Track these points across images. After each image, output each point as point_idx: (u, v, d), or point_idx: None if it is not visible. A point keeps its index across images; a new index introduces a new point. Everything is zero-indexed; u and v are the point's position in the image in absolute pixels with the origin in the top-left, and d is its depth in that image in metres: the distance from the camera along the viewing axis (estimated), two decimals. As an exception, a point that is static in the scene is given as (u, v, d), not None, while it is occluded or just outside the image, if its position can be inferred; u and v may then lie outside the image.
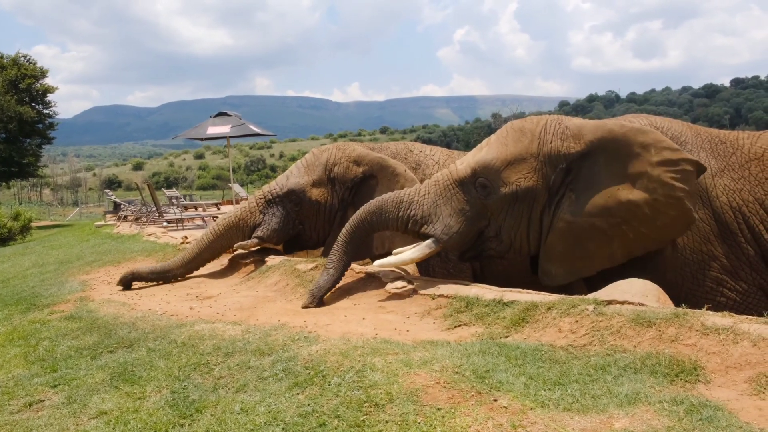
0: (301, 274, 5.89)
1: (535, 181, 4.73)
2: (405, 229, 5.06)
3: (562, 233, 4.69)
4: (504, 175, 4.75)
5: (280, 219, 6.67)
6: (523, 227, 4.82)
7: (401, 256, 5.03)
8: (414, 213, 4.98)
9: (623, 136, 4.64)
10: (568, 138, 4.73)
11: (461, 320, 4.21)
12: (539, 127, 4.84)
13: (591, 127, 4.76)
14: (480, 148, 5.08)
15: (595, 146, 4.66)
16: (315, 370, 3.32)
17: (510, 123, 5.11)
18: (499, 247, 4.92)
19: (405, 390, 2.88)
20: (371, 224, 5.14)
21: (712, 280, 4.63)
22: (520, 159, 4.75)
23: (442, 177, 5.04)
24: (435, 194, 4.99)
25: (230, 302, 5.42)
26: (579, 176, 4.69)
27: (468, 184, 4.88)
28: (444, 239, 4.87)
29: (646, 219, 4.51)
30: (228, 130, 13.22)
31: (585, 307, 3.79)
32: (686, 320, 3.36)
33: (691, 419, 2.44)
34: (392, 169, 6.49)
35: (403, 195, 5.09)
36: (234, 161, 73.74)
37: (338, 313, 4.67)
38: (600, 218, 4.59)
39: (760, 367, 2.90)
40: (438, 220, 4.91)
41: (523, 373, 3.04)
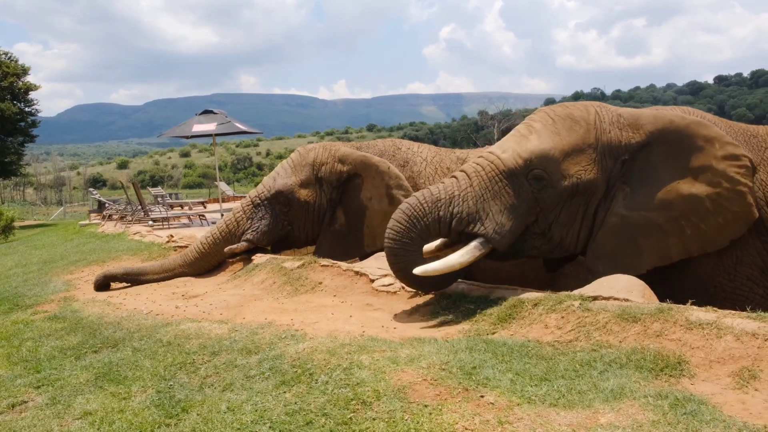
0: (288, 272, 5.87)
1: (595, 173, 4.40)
2: (448, 231, 4.42)
3: (615, 229, 4.42)
4: (563, 167, 4.37)
5: (269, 221, 6.66)
6: (577, 223, 4.51)
7: (448, 261, 4.32)
8: (458, 210, 4.36)
9: (686, 128, 4.42)
10: (625, 128, 4.47)
11: (448, 317, 4.22)
12: (592, 115, 4.52)
13: (649, 116, 4.52)
14: (522, 136, 4.57)
15: (655, 137, 4.42)
16: (302, 368, 3.31)
17: (550, 109, 4.70)
18: (545, 245, 4.55)
19: (392, 387, 2.88)
20: (414, 240, 4.36)
21: (745, 276, 4.46)
22: (578, 150, 4.41)
23: (485, 168, 4.46)
24: (480, 188, 4.41)
25: (217, 301, 5.38)
26: (633, 169, 4.45)
27: (519, 176, 4.40)
28: (496, 239, 4.33)
29: (707, 214, 4.28)
30: (214, 128, 13.13)
31: (571, 303, 3.81)
32: (671, 315, 3.39)
33: (676, 413, 2.46)
34: (376, 167, 6.49)
35: (438, 192, 4.44)
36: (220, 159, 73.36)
37: (325, 311, 4.66)
38: (657, 212, 4.35)
39: (743, 362, 2.94)
40: (487, 218, 4.35)
41: (510, 369, 3.05)
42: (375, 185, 6.49)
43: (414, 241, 4.36)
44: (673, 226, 4.34)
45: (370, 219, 6.50)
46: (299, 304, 4.99)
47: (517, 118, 64.68)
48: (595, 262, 4.51)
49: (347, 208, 6.67)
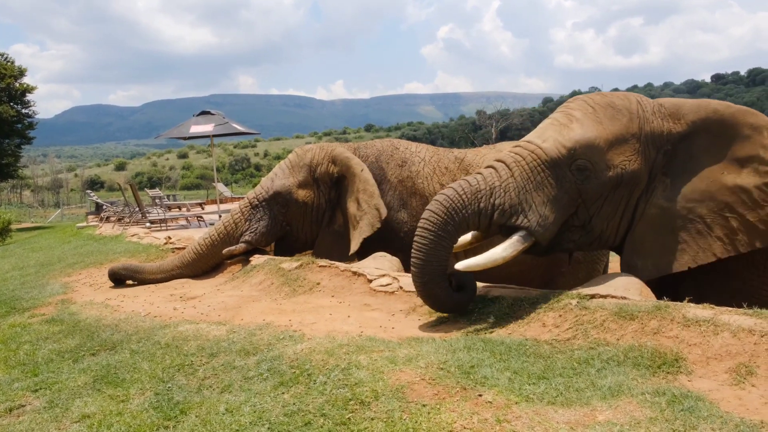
0: (285, 273, 5.87)
1: (639, 164, 4.23)
2: (489, 224, 4.20)
3: (654, 221, 4.27)
4: (608, 157, 4.19)
5: (267, 222, 6.67)
6: (618, 216, 4.34)
7: (491, 255, 4.12)
8: (500, 202, 4.15)
9: (731, 116, 4.26)
10: (667, 117, 4.34)
11: (446, 316, 4.22)
12: (634, 104, 4.36)
13: (692, 106, 4.38)
14: (562, 125, 4.36)
15: (698, 127, 4.29)
16: (300, 368, 3.31)
17: (588, 97, 4.53)
18: (584, 238, 4.36)
19: (390, 387, 2.88)
20: (450, 234, 4.12)
21: None
22: (622, 139, 4.23)
23: (526, 158, 4.26)
24: (521, 178, 4.20)
25: (215, 302, 5.38)
26: (675, 159, 4.31)
27: (562, 166, 4.19)
28: (540, 232, 4.13)
29: (755, 205, 4.08)
30: (211, 129, 13.12)
31: (569, 301, 3.82)
32: (668, 313, 3.39)
33: (673, 410, 2.46)
34: (352, 170, 6.53)
35: (478, 183, 4.21)
36: (218, 160, 73.30)
37: (323, 312, 4.66)
38: (700, 204, 4.18)
39: (740, 358, 2.95)
40: (531, 210, 4.14)
41: (508, 367, 3.05)
42: (350, 188, 6.53)
43: (449, 234, 4.11)
44: (717, 219, 4.14)
45: (351, 222, 6.52)
46: (297, 304, 5.00)
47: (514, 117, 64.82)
48: (633, 257, 4.34)
49: (343, 209, 6.69)
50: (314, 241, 6.87)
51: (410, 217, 6.41)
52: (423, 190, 6.50)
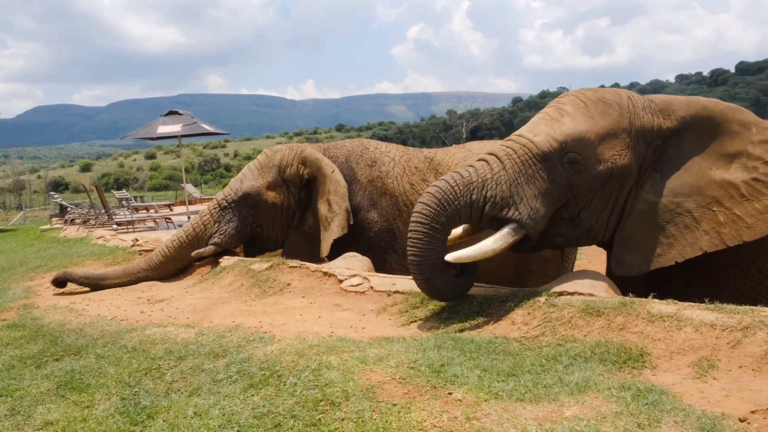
0: (255, 274, 5.82)
1: (629, 158, 4.26)
2: (480, 216, 4.20)
3: (643, 216, 4.32)
4: (599, 151, 4.22)
5: (236, 224, 6.62)
6: (608, 210, 4.37)
7: (481, 247, 4.11)
8: (492, 194, 4.16)
9: (720, 113, 4.32)
10: (657, 113, 4.38)
11: (417, 316, 4.24)
12: (624, 99, 4.40)
13: (682, 102, 4.43)
14: (553, 119, 4.40)
15: (688, 123, 4.34)
16: (270, 370, 3.28)
17: (580, 92, 4.57)
18: (572, 231, 4.39)
19: (361, 387, 2.88)
20: (443, 226, 4.12)
21: (756, 269, 4.40)
22: (613, 134, 4.26)
23: (517, 151, 4.28)
24: (513, 171, 4.21)
25: (183, 305, 5.31)
26: (664, 155, 4.37)
27: (553, 159, 4.22)
28: (530, 225, 4.14)
29: (742, 200, 4.13)
30: (179, 129, 12.93)
31: (537, 299, 3.86)
32: (633, 309, 3.46)
33: (638, 404, 2.51)
34: (323, 171, 6.52)
35: (470, 175, 4.22)
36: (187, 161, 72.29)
37: (294, 313, 4.63)
38: (688, 198, 4.23)
39: (702, 352, 3.02)
40: (522, 203, 4.16)
41: (478, 365, 3.07)
42: (322, 190, 6.52)
43: (443, 226, 4.11)
44: (705, 213, 4.18)
45: (322, 224, 6.50)
46: (267, 306, 4.96)
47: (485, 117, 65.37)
48: (622, 252, 4.38)
49: (313, 210, 6.67)
50: (284, 242, 6.83)
51: (380, 217, 6.41)
52: (393, 190, 6.51)
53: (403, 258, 6.39)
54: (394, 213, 6.46)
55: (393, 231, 6.44)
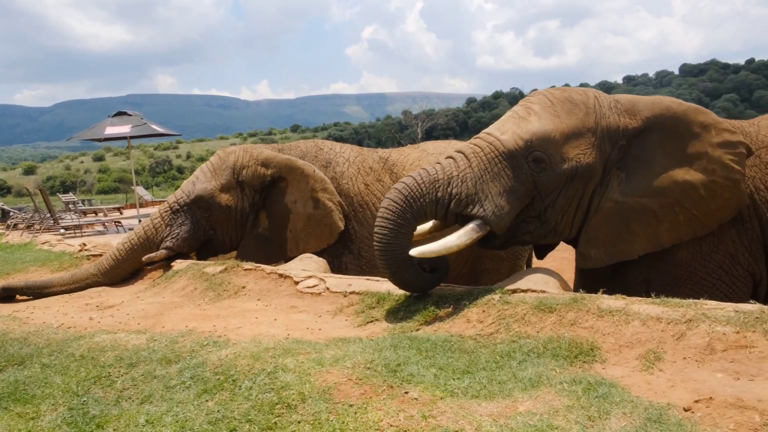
0: (209, 277, 5.72)
1: (594, 157, 4.37)
2: (445, 213, 4.26)
3: (609, 214, 4.42)
4: (564, 150, 4.32)
5: (189, 227, 6.49)
6: (573, 208, 4.47)
7: (445, 243, 4.15)
8: (457, 191, 4.22)
9: (683, 114, 4.43)
10: (623, 113, 4.47)
11: (373, 316, 4.24)
12: (591, 99, 4.50)
13: (647, 102, 4.55)
14: (521, 118, 4.47)
15: (652, 123, 4.44)
16: (225, 375, 3.23)
17: (548, 92, 4.65)
18: (539, 229, 4.49)
19: (317, 389, 2.87)
20: (408, 222, 4.17)
21: (717, 263, 4.50)
22: (578, 133, 4.36)
23: (484, 149, 4.36)
24: (479, 169, 4.28)
25: (134, 310, 5.17)
26: (629, 154, 4.46)
27: (519, 157, 4.30)
28: (495, 221, 4.21)
29: (701, 201, 4.30)
30: (128, 130, 12.60)
31: (491, 296, 3.92)
32: (584, 304, 3.55)
33: (589, 397, 2.58)
34: (301, 170, 6.45)
35: (436, 173, 4.28)
36: (137, 163, 70.44)
37: (249, 316, 4.57)
38: (652, 199, 4.36)
39: (649, 345, 3.13)
40: (486, 200, 4.23)
41: (434, 364, 3.10)
42: (300, 189, 6.45)
43: (408, 222, 4.17)
44: (667, 213, 4.34)
45: (294, 223, 6.45)
46: (222, 309, 4.88)
47: (440, 117, 65.96)
48: (588, 247, 4.49)
49: (271, 211, 6.58)
50: (239, 245, 6.73)
51: None
52: (348, 190, 6.51)
53: (359, 258, 6.40)
54: (350, 213, 6.46)
55: (349, 231, 6.44)
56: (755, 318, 3.09)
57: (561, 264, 8.45)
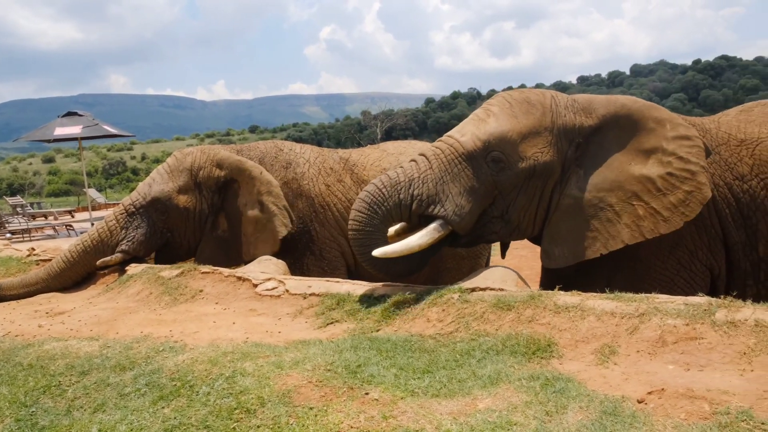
0: (165, 281, 5.59)
1: (552, 155, 4.45)
2: (409, 214, 4.39)
3: (569, 210, 4.48)
4: (521, 149, 4.40)
5: (145, 230, 6.31)
6: (534, 206, 4.54)
7: (407, 243, 4.27)
8: (418, 193, 4.35)
9: (638, 111, 4.52)
10: (579, 111, 4.56)
11: (333, 317, 4.22)
12: (548, 99, 4.59)
13: (602, 101, 4.63)
14: (480, 120, 4.58)
15: (608, 121, 4.52)
16: (182, 380, 3.16)
17: (507, 94, 4.74)
18: (504, 228, 4.57)
19: (277, 392, 2.83)
20: (377, 227, 4.34)
21: (676, 259, 4.57)
22: (535, 132, 4.45)
23: (444, 151, 4.47)
24: (439, 170, 4.40)
25: (86, 317, 5.01)
26: (587, 152, 4.53)
27: (478, 158, 4.41)
28: (456, 221, 4.32)
29: (659, 194, 4.32)
30: (79, 131, 12.22)
31: (451, 296, 3.95)
32: (541, 301, 3.61)
33: (546, 392, 2.62)
34: (249, 172, 6.35)
35: (397, 176, 4.42)
36: (90, 164, 68.40)
37: (207, 320, 4.49)
38: (609, 193, 4.41)
39: (604, 339, 3.20)
40: (447, 200, 4.34)
41: (394, 364, 3.10)
42: (249, 191, 6.35)
43: (377, 228, 4.34)
44: (625, 207, 4.37)
45: (245, 227, 6.35)
46: (178, 314, 4.77)
47: (399, 117, 66.21)
48: (551, 245, 4.54)
49: (228, 213, 6.48)
50: (197, 248, 6.60)
51: (297, 219, 6.34)
52: (309, 191, 6.45)
53: (320, 260, 6.35)
54: (311, 215, 6.40)
55: (310, 233, 6.39)
56: (703, 310, 3.19)
57: (519, 262, 8.59)
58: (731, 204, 4.54)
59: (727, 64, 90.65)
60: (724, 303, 3.24)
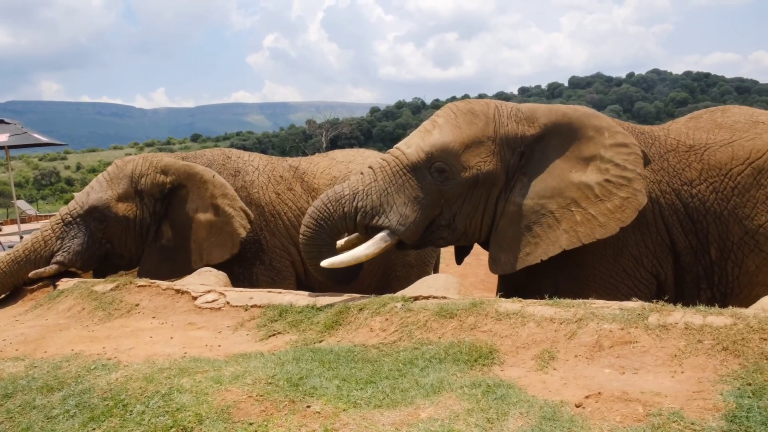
0: (99, 296, 5.36)
1: (495, 164, 4.54)
2: (354, 225, 4.52)
3: (513, 217, 4.55)
4: (464, 159, 4.49)
5: (83, 240, 6.02)
6: (479, 213, 4.61)
7: (354, 253, 4.42)
8: (362, 205, 4.47)
9: (578, 119, 4.61)
10: (522, 121, 4.63)
11: (275, 329, 4.14)
12: (491, 109, 4.66)
13: (544, 110, 4.71)
14: (426, 131, 4.67)
15: (549, 129, 4.60)
16: (114, 400, 3.02)
17: (453, 105, 4.80)
18: (452, 235, 4.67)
19: (215, 408, 2.75)
20: (326, 241, 4.54)
21: (620, 266, 4.63)
22: (478, 142, 4.53)
23: (390, 163, 4.57)
24: (384, 182, 4.52)
25: (11, 335, 4.73)
26: (531, 160, 4.61)
27: (422, 169, 4.50)
28: (401, 230, 4.43)
29: (596, 200, 4.42)
30: (5, 139, 11.64)
31: (394, 305, 3.94)
32: (483, 308, 3.64)
33: (488, 399, 2.64)
34: (200, 176, 6.19)
35: (342, 189, 4.54)
36: (20, 175, 65.36)
37: (143, 335, 4.32)
38: (550, 200, 4.49)
39: (544, 345, 3.25)
40: (392, 210, 4.46)
41: (337, 375, 3.06)
42: (200, 196, 6.17)
43: (326, 242, 4.55)
44: (565, 213, 4.45)
45: (196, 233, 6.16)
46: (112, 330, 4.58)
47: (344, 126, 66.24)
48: (497, 251, 4.61)
49: (173, 221, 6.26)
50: (139, 259, 6.35)
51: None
52: (258, 199, 6.33)
53: (270, 270, 6.23)
54: (261, 223, 6.28)
55: (260, 242, 6.26)
56: (637, 314, 3.30)
57: (464, 269, 8.68)
58: (679, 210, 4.63)
59: (658, 77, 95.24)
60: (657, 307, 3.36)
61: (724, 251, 4.56)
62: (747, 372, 2.73)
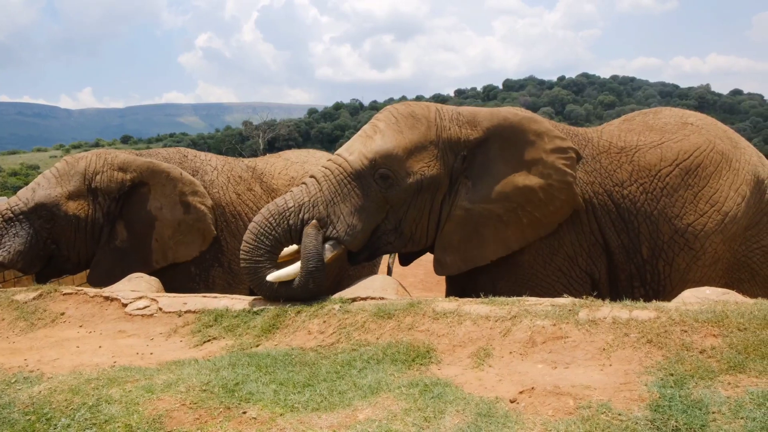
0: (20, 305, 5.07)
1: (438, 169, 4.56)
2: (299, 238, 4.41)
3: (459, 221, 4.60)
4: (407, 165, 4.50)
5: (25, 239, 5.61)
6: (425, 218, 4.64)
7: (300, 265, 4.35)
8: (309, 216, 4.41)
9: (519, 123, 4.68)
10: (464, 125, 4.66)
11: (210, 335, 4.04)
12: (432, 113, 4.68)
13: (486, 114, 4.75)
14: (367, 136, 4.65)
15: (491, 133, 4.65)
16: (37, 414, 2.87)
17: (393, 108, 4.78)
18: (398, 240, 4.67)
19: (146, 418, 2.65)
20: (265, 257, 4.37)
21: (556, 265, 4.73)
22: (421, 147, 4.55)
23: (333, 171, 4.53)
24: (329, 192, 4.47)
25: None
26: (474, 163, 4.65)
27: (366, 176, 4.49)
28: (348, 240, 4.42)
29: (541, 203, 4.55)
30: None
31: (332, 306, 3.93)
32: (420, 308, 3.68)
33: (425, 398, 2.67)
34: (166, 174, 5.91)
35: (285, 202, 4.46)
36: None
37: (69, 345, 4.12)
38: (497, 204, 4.57)
39: (480, 342, 3.32)
40: (339, 221, 4.43)
41: (274, 380, 3.02)
42: (166, 193, 5.90)
43: (265, 257, 4.37)
44: (512, 216, 4.58)
45: (160, 231, 5.88)
46: (35, 341, 4.34)
47: (281, 128, 65.56)
48: (443, 254, 4.66)
49: (130, 220, 5.94)
50: (89, 262, 6.01)
51: None
52: (219, 200, 6.13)
53: (228, 273, 6.05)
54: (221, 224, 6.09)
55: (219, 243, 6.06)
56: (568, 311, 3.41)
57: (402, 270, 8.75)
58: (611, 210, 4.77)
59: (587, 81, 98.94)
60: (586, 303, 3.49)
61: (655, 250, 4.73)
62: (669, 363, 2.87)
